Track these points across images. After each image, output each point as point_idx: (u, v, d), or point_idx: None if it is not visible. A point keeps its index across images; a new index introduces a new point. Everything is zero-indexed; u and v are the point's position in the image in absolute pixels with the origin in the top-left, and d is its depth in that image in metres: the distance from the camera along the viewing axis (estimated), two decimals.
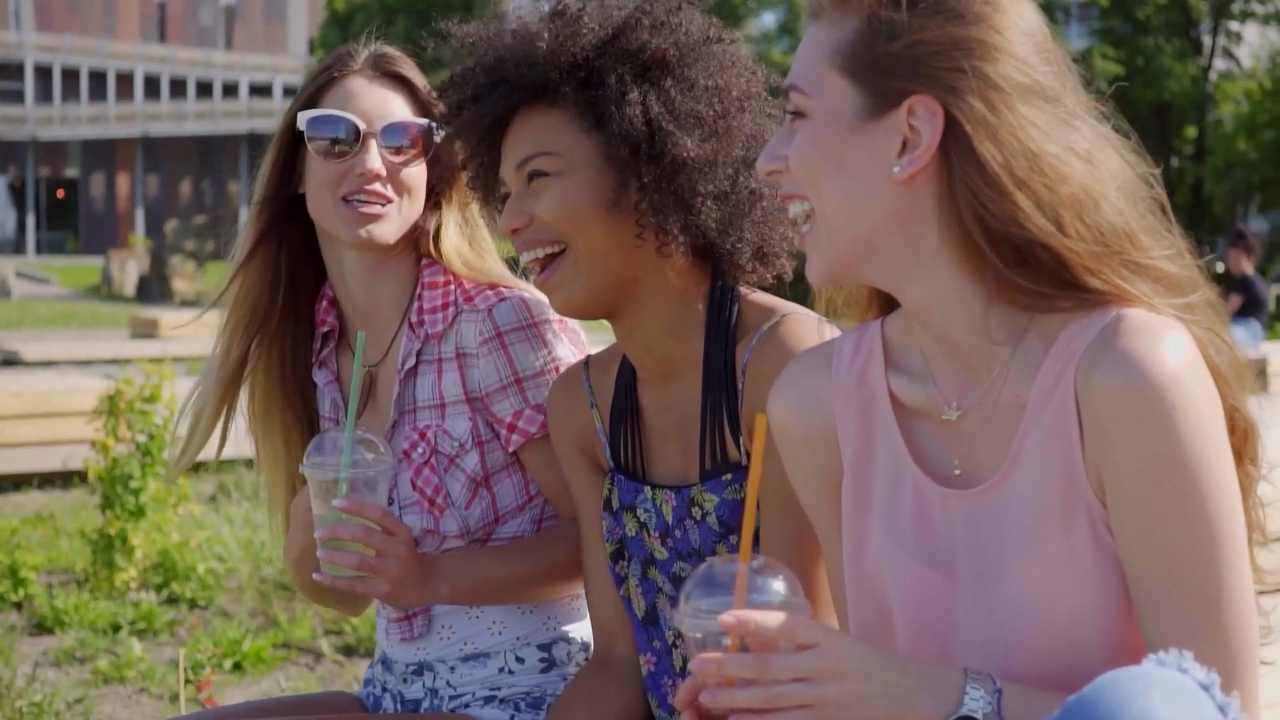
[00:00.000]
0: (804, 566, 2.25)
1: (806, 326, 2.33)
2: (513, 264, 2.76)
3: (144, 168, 73.00)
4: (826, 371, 2.02)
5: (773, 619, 1.67)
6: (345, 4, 45.45)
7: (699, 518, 2.42)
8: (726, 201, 2.33)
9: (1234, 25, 37.89)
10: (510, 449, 2.69)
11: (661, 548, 2.49)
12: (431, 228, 2.75)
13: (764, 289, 2.47)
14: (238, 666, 5.51)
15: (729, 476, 2.39)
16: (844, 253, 1.88)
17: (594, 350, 2.69)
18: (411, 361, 2.72)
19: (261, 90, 74.61)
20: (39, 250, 70.52)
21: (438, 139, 2.70)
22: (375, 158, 2.64)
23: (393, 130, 2.67)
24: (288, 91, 68.65)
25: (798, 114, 1.87)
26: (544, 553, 2.69)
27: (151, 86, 74.03)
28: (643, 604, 2.54)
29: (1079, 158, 1.80)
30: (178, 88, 74.10)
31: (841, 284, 1.99)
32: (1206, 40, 37.81)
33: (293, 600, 6.30)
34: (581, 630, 2.81)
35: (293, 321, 2.82)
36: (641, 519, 2.51)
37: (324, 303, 2.82)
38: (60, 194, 74.76)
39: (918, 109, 1.80)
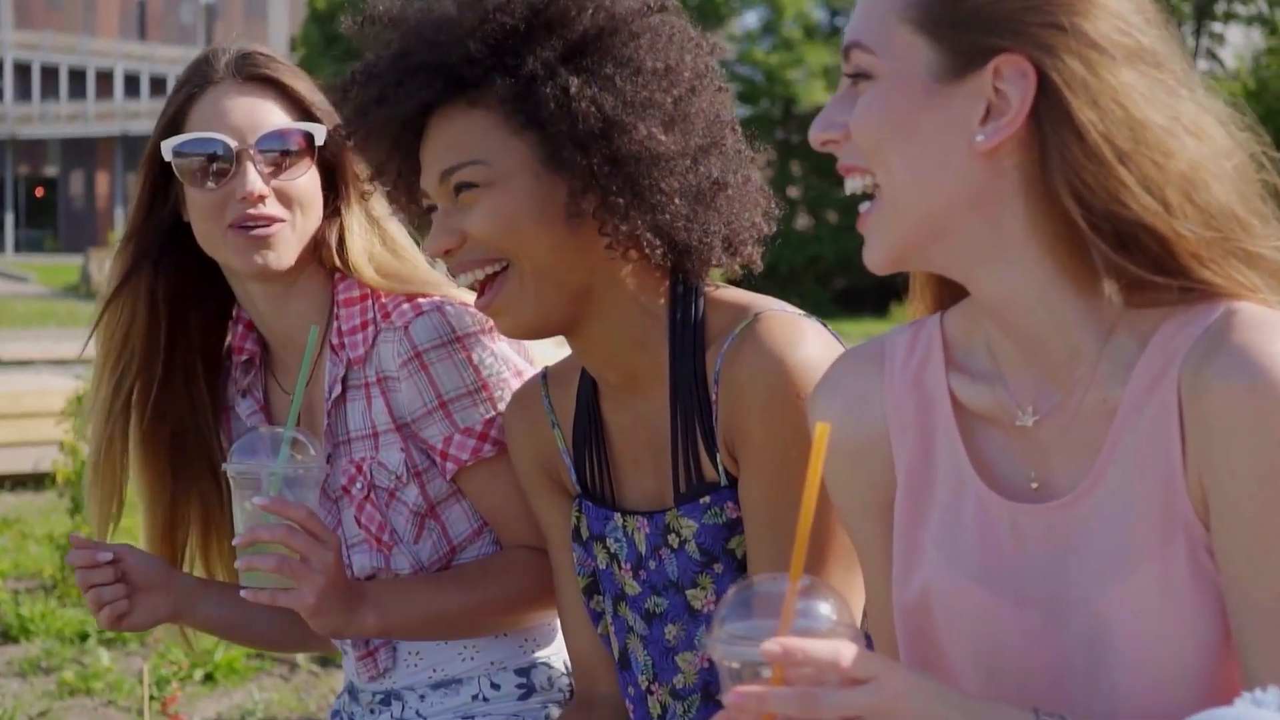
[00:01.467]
0: None
1: (785, 324, 2.09)
2: None
3: (124, 166, 72.63)
4: (878, 373, 1.81)
5: (823, 648, 1.45)
6: (326, 2, 45.25)
7: (676, 545, 2.18)
8: (691, 194, 2.09)
9: (1217, 26, 37.96)
10: (445, 477, 2.47)
11: (633, 581, 2.24)
12: (334, 239, 2.49)
13: (734, 283, 2.25)
14: (209, 677, 5.33)
15: (707, 499, 2.14)
16: (912, 234, 1.65)
17: (552, 358, 2.45)
18: (338, 389, 2.49)
19: None
20: (18, 249, 70.38)
21: (320, 142, 2.45)
22: (254, 177, 2.39)
23: (270, 141, 2.41)
24: None
25: (860, 75, 1.65)
26: (489, 583, 2.45)
27: (131, 84, 73.83)
28: (615, 645, 2.30)
29: (1187, 131, 1.60)
30: (158, 86, 73.72)
31: (904, 269, 1.75)
32: (1190, 41, 37.90)
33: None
34: (565, 654, 2.57)
35: (183, 355, 2.58)
36: (612, 550, 2.26)
37: (239, 327, 2.59)
38: (39, 192, 74.61)
39: (1005, 70, 1.58)
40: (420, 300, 2.45)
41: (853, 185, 1.69)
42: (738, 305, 2.15)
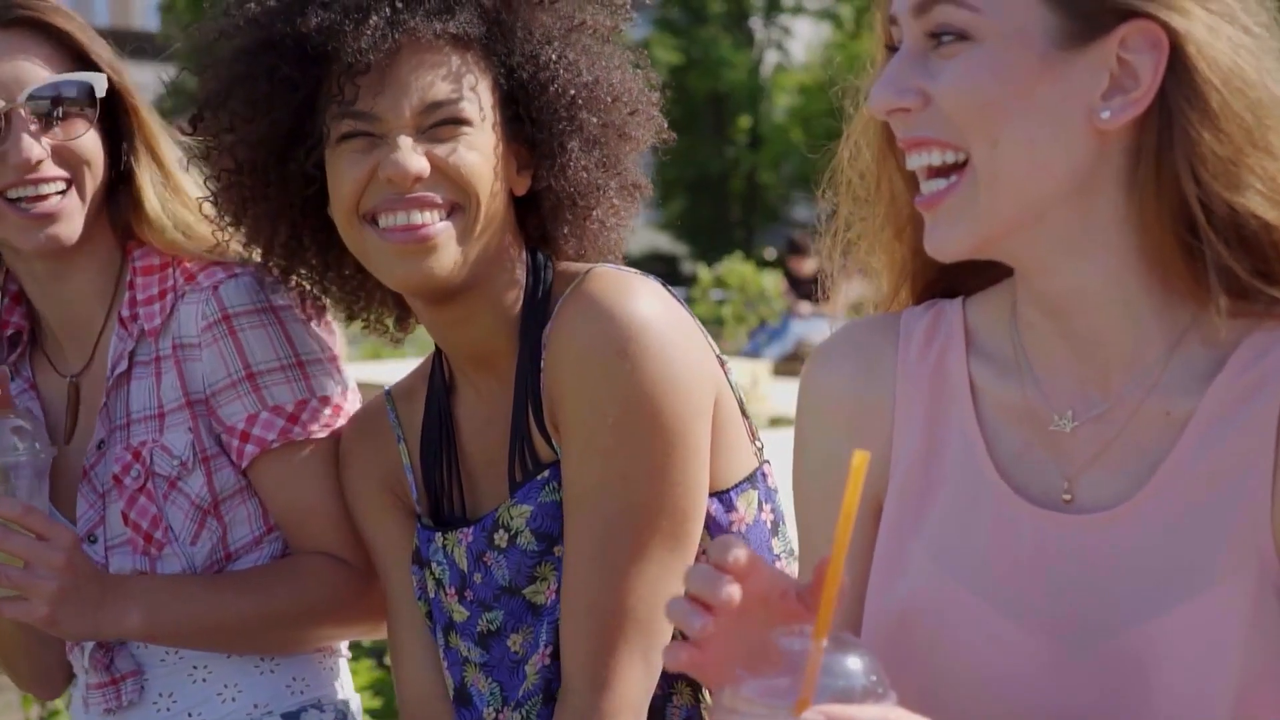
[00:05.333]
0: (609, 592, 1.95)
1: (614, 279, 2.00)
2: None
3: None
4: (893, 347, 1.65)
5: (873, 716, 1.23)
6: None
7: (505, 544, 2.04)
8: (629, 188, 2.14)
9: (786, 19, 39.40)
10: (243, 463, 2.22)
11: (459, 606, 2.11)
12: (125, 200, 2.26)
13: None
14: None
15: (545, 474, 2.02)
16: (1007, 218, 1.48)
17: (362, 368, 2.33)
18: (124, 365, 2.24)
19: None
20: None
21: (101, 94, 2.20)
22: (27, 140, 2.13)
23: (42, 96, 2.15)
24: None
25: (951, 35, 1.46)
26: (277, 591, 2.22)
27: None
28: (451, 681, 2.14)
29: None
30: None
31: (976, 257, 1.55)
32: (761, 33, 39.23)
33: None
34: (339, 694, 2.37)
35: None
36: (437, 574, 2.13)
37: (6, 300, 2.34)
38: None
39: (1133, 39, 1.43)
40: (234, 265, 2.24)
41: (925, 160, 1.50)
42: (577, 271, 2.08)
